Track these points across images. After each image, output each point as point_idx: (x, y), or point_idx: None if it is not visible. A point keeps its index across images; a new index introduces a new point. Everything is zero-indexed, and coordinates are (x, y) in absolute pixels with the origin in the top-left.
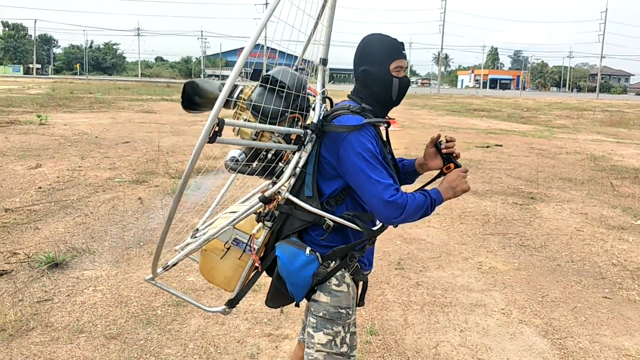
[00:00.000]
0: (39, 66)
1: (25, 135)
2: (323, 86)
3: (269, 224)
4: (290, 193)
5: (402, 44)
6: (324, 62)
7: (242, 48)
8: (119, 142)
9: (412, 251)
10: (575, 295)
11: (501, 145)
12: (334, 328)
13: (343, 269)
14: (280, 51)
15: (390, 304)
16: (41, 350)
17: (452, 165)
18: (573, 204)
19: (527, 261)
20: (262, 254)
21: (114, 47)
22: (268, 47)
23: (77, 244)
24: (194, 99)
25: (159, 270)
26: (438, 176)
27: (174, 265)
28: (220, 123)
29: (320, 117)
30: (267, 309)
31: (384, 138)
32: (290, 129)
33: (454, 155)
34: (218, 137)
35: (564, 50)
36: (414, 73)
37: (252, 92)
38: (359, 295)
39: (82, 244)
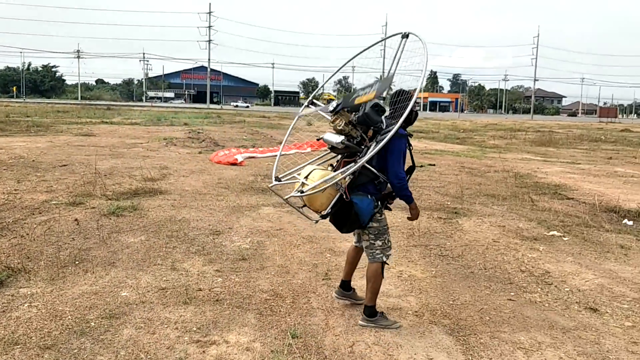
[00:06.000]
0: None
1: None
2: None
3: (350, 177)
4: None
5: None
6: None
7: (185, 70)
8: (57, 166)
9: (340, 263)
10: (483, 299)
11: (434, 165)
12: (384, 236)
13: (382, 207)
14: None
15: (314, 310)
16: None
17: None
18: (493, 218)
19: (443, 269)
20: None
21: (53, 69)
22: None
23: (12, 263)
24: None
25: (296, 193)
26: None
27: (308, 190)
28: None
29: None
30: (196, 318)
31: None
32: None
33: None
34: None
35: (500, 74)
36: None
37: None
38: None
39: (18, 264)
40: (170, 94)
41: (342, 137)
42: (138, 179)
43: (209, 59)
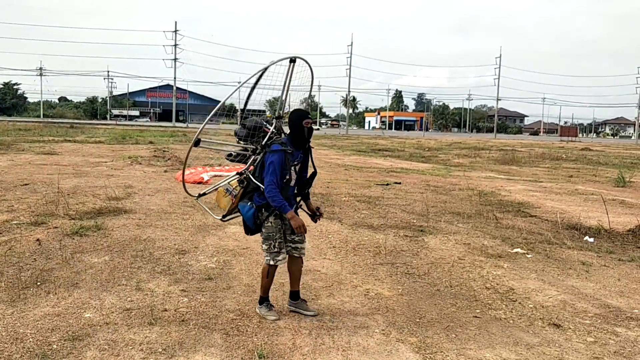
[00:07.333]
0: None
1: None
2: (274, 127)
3: (241, 185)
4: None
5: (308, 112)
6: (279, 117)
7: (150, 88)
8: (18, 185)
9: (307, 281)
10: (449, 316)
11: (400, 183)
12: (269, 241)
13: (269, 215)
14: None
15: (281, 329)
16: None
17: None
18: (458, 236)
19: (410, 287)
20: (238, 199)
21: (15, 87)
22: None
23: None
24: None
25: (197, 194)
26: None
27: (204, 194)
28: (198, 142)
29: (265, 142)
30: (162, 339)
31: (294, 158)
32: (249, 146)
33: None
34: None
35: (464, 93)
36: (324, 114)
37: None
38: (313, 215)
39: None
40: (135, 113)
41: (234, 152)
42: (102, 198)
43: (174, 77)
